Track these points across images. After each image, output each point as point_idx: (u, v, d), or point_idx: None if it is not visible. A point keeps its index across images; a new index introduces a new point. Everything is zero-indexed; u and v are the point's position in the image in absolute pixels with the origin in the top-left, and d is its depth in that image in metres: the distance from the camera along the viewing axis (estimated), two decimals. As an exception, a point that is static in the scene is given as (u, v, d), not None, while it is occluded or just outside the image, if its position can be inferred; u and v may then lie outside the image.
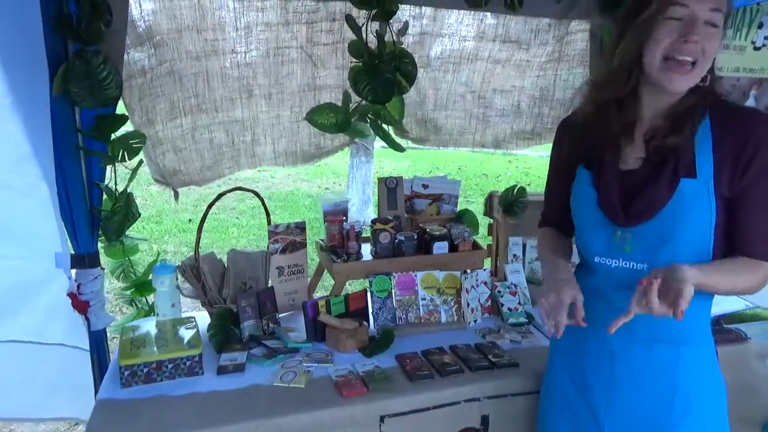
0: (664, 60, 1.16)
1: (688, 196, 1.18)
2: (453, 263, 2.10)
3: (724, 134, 1.19)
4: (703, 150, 1.19)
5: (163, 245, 5.86)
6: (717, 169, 1.18)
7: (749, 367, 1.96)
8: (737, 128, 1.18)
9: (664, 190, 1.20)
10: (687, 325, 1.26)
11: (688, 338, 1.27)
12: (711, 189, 1.18)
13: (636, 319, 1.25)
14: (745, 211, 1.19)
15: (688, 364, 1.27)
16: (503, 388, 1.67)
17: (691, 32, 1.12)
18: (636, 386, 1.30)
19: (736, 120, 1.19)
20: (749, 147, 1.15)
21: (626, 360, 1.31)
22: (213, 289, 1.97)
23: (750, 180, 1.17)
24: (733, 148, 1.17)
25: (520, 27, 2.30)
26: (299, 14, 2.02)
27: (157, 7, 1.88)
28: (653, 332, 1.28)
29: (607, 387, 1.33)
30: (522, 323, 2.04)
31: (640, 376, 1.30)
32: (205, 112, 2.10)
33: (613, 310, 1.27)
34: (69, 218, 1.86)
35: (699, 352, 1.29)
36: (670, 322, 1.23)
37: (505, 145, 2.54)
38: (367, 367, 1.71)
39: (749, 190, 1.18)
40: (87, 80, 1.74)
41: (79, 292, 1.94)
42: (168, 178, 2.14)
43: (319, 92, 2.22)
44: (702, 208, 1.18)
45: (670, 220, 1.19)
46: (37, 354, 1.96)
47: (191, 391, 1.59)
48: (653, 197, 1.21)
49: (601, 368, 1.35)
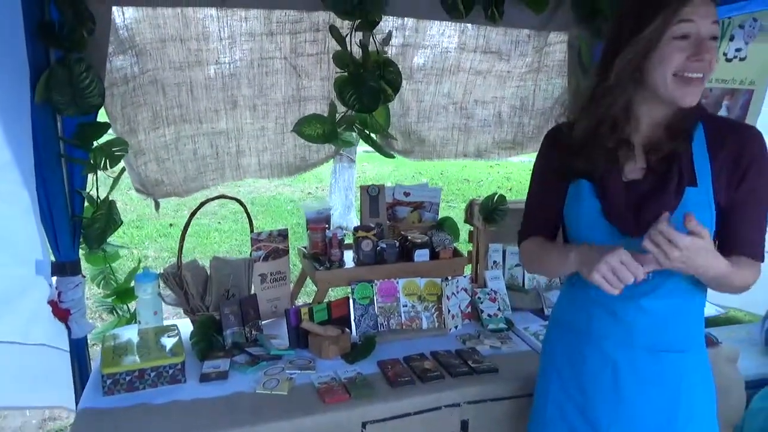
0: (674, 77, 1.17)
1: (692, 204, 1.21)
2: (434, 270, 2.13)
3: (718, 146, 1.23)
4: (700, 159, 1.23)
5: (144, 250, 5.81)
6: (714, 178, 1.22)
7: (721, 371, 2.00)
8: (732, 139, 1.22)
9: (671, 199, 1.22)
10: (688, 332, 1.30)
11: (690, 345, 1.30)
12: (711, 197, 1.22)
13: (638, 331, 1.28)
14: (743, 218, 1.24)
15: (689, 371, 1.30)
16: (483, 393, 1.70)
17: (703, 51, 1.14)
18: (641, 397, 1.30)
19: (730, 131, 1.24)
20: (744, 158, 1.21)
21: (631, 371, 1.30)
22: (195, 296, 1.97)
23: (747, 190, 1.22)
24: (729, 159, 1.22)
25: (501, 38, 2.34)
26: (283, 24, 2.03)
27: (140, 16, 1.88)
28: (656, 342, 1.28)
29: (611, 401, 1.32)
30: (501, 329, 2.08)
31: (645, 386, 1.29)
32: (188, 123, 2.10)
33: (616, 321, 1.30)
34: (50, 225, 1.85)
35: (698, 358, 1.32)
36: (671, 330, 1.28)
37: (487, 155, 2.57)
38: (350, 374, 1.73)
39: (748, 198, 1.23)
40: (69, 88, 1.74)
41: (59, 300, 1.93)
42: (150, 189, 2.13)
43: (304, 103, 2.22)
44: (705, 216, 1.20)
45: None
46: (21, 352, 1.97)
47: (174, 399, 1.60)
48: (662, 206, 1.21)
49: (603, 382, 1.33)
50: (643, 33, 1.16)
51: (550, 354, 1.47)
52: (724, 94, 2.59)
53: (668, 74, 1.17)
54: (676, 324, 1.29)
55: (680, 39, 1.15)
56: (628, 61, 1.19)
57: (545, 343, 1.52)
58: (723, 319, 2.55)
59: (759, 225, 1.26)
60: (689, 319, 1.30)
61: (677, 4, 1.14)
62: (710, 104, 2.59)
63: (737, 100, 2.60)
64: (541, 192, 1.46)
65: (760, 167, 1.22)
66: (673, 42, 1.15)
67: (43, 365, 2.01)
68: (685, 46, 1.15)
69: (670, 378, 1.29)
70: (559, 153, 1.36)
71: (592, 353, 1.34)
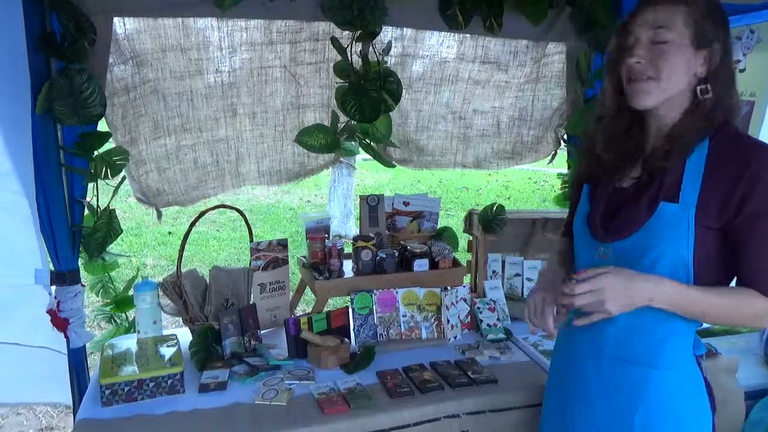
0: (627, 83, 1.25)
1: (666, 220, 1.19)
2: (433, 280, 2.14)
3: (718, 164, 1.17)
4: (691, 176, 1.19)
5: (143, 258, 5.81)
6: (703, 198, 1.16)
7: (720, 382, 2.00)
8: (734, 161, 1.15)
9: (643, 211, 1.22)
10: (658, 348, 1.26)
11: (660, 362, 1.25)
12: (691, 217, 1.17)
13: (608, 339, 1.30)
14: (748, 247, 1.17)
15: (652, 387, 1.26)
16: (482, 404, 1.70)
17: (633, 53, 1.22)
18: (605, 403, 1.32)
19: (735, 152, 1.16)
20: (745, 179, 1.12)
21: (597, 378, 1.33)
22: (195, 306, 1.97)
23: (748, 215, 1.14)
24: (727, 178, 1.15)
25: (499, 48, 2.35)
26: (283, 34, 2.05)
27: (141, 26, 1.89)
28: (622, 352, 1.29)
29: (583, 404, 1.36)
30: (501, 339, 2.08)
31: (608, 394, 1.31)
32: (189, 132, 2.10)
33: (590, 330, 1.31)
34: (50, 235, 1.85)
35: (669, 377, 1.25)
36: (637, 343, 1.27)
37: (486, 165, 2.58)
38: (349, 385, 1.72)
39: (750, 223, 1.15)
40: (70, 98, 1.75)
41: (58, 309, 1.92)
42: (151, 198, 2.13)
43: (303, 111, 2.24)
44: (678, 234, 1.17)
45: (643, 242, 1.21)
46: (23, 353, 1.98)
47: (173, 410, 1.59)
48: (632, 217, 1.23)
49: (579, 387, 1.37)
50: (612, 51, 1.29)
51: (553, 358, 1.54)
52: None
53: (624, 81, 1.26)
54: (641, 338, 1.26)
55: (630, 49, 1.23)
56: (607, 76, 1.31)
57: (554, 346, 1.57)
58: (722, 330, 2.54)
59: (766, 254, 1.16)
60: (661, 336, 1.25)
61: (626, 19, 1.25)
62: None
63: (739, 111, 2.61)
64: (574, 197, 1.53)
65: (764, 191, 1.12)
66: (624, 52, 1.25)
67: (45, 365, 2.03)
68: (629, 55, 1.23)
69: (629, 390, 1.28)
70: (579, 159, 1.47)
71: (575, 359, 1.39)
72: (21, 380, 2.03)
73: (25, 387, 2.07)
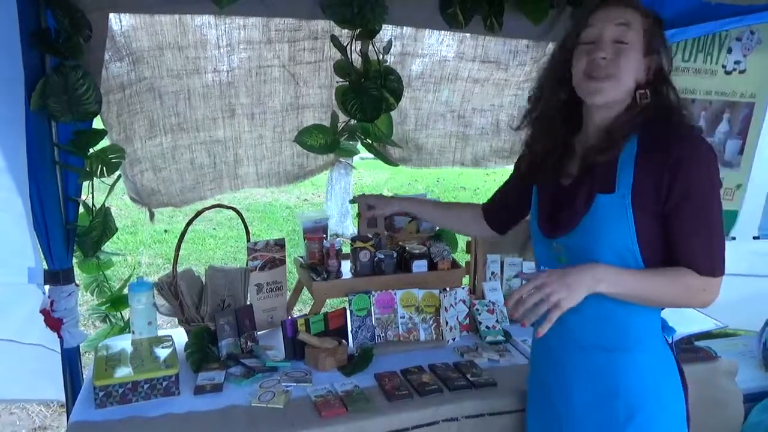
0: (583, 77, 1.26)
1: (603, 210, 1.24)
2: (432, 281, 2.12)
3: (647, 153, 1.23)
4: (624, 166, 1.24)
5: (138, 256, 5.78)
6: (637, 185, 1.22)
7: (719, 384, 2.00)
8: (661, 149, 1.21)
9: (581, 205, 1.28)
10: (624, 332, 1.31)
11: (626, 345, 1.31)
12: (628, 203, 1.22)
13: (572, 328, 1.34)
14: (679, 227, 1.23)
15: (627, 369, 1.31)
16: (481, 407, 1.68)
17: (597, 51, 1.24)
18: (583, 392, 1.35)
19: (662, 140, 1.22)
20: (671, 162, 1.19)
21: (572, 367, 1.37)
22: (191, 306, 1.95)
23: (678, 196, 1.20)
24: (656, 164, 1.21)
25: (499, 48, 2.34)
26: (281, 32, 2.02)
27: (138, 23, 1.86)
28: (590, 339, 1.33)
29: (564, 395, 1.39)
30: (499, 341, 2.06)
31: (585, 382, 1.35)
32: (186, 132, 2.08)
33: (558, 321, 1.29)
34: (43, 233, 1.82)
35: (640, 358, 1.31)
36: (605, 329, 1.31)
37: (484, 163, 2.57)
38: (347, 387, 1.71)
39: (679, 206, 1.21)
40: (65, 95, 1.72)
41: (52, 309, 1.90)
42: (145, 198, 2.10)
43: (302, 112, 2.21)
44: (618, 221, 1.23)
45: (587, 233, 1.27)
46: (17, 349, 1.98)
47: (168, 412, 1.57)
48: (573, 211, 1.29)
49: (554, 377, 1.42)
50: (564, 44, 1.32)
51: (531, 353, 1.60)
52: (724, 107, 2.60)
53: (578, 75, 1.27)
54: (607, 324, 1.31)
55: (587, 44, 1.26)
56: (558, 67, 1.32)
57: None
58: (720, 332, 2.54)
59: (699, 234, 1.22)
60: (623, 320, 1.30)
61: (587, 14, 1.27)
62: (710, 117, 2.59)
63: (738, 113, 2.61)
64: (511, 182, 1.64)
65: (689, 171, 1.18)
66: (581, 47, 1.28)
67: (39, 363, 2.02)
68: (590, 49, 1.26)
69: (605, 375, 1.32)
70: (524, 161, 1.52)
71: (544, 350, 1.45)
72: (15, 377, 2.03)
73: (18, 384, 2.07)
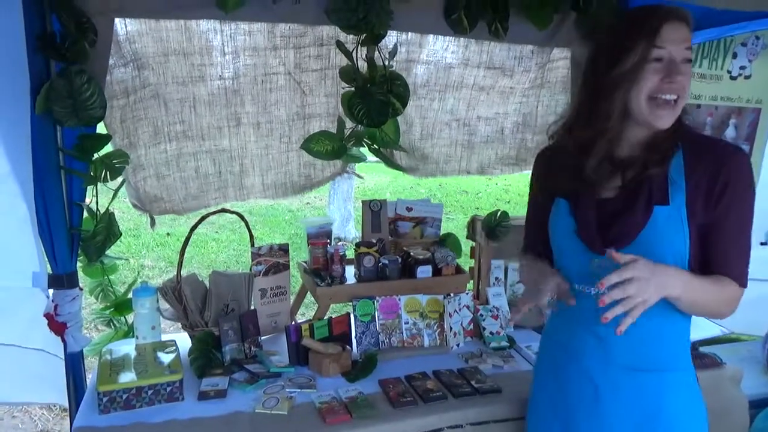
0: (649, 100, 1.20)
1: (662, 222, 1.22)
2: (436, 287, 2.11)
3: (696, 164, 1.23)
4: (676, 178, 1.23)
5: (141, 260, 5.78)
6: (690, 197, 1.21)
7: (724, 392, 1.99)
8: (710, 158, 1.21)
9: (639, 217, 1.23)
10: (669, 352, 1.29)
11: (671, 364, 1.29)
12: (684, 216, 1.21)
13: (617, 349, 1.29)
14: (722, 237, 1.22)
15: (671, 390, 1.28)
16: (486, 414, 1.67)
17: (674, 73, 1.17)
18: (621, 416, 1.30)
19: (708, 150, 1.23)
20: (722, 177, 1.19)
21: (610, 390, 1.31)
22: (194, 311, 1.95)
23: (724, 208, 1.20)
24: (705, 176, 1.21)
25: (504, 54, 2.33)
26: (287, 38, 2.02)
27: (143, 29, 1.86)
28: (635, 360, 1.29)
29: (593, 420, 1.33)
30: (504, 347, 2.05)
31: (625, 405, 1.30)
32: (191, 140, 2.06)
33: (596, 340, 1.31)
34: (48, 237, 1.82)
35: (681, 377, 1.30)
36: (651, 349, 1.27)
37: (489, 171, 2.55)
38: (351, 393, 1.70)
39: (724, 218, 1.21)
40: (70, 99, 1.71)
41: (56, 313, 1.89)
42: (147, 205, 2.09)
43: (309, 121, 2.19)
44: (676, 234, 1.21)
45: (645, 247, 1.22)
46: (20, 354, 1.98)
47: (171, 418, 1.57)
48: (629, 224, 1.24)
49: (584, 399, 1.35)
50: (624, 66, 1.19)
51: (539, 372, 1.51)
52: (730, 113, 2.59)
53: (642, 97, 1.20)
54: (654, 343, 1.28)
55: (653, 62, 1.18)
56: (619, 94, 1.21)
57: (536, 361, 1.55)
58: (723, 338, 2.53)
59: (738, 246, 1.23)
60: (669, 339, 1.29)
61: (652, 34, 1.17)
62: (716, 122, 2.58)
63: (744, 118, 2.60)
64: (533, 211, 1.52)
65: (736, 186, 1.20)
66: (647, 65, 1.18)
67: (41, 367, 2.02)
68: (658, 68, 1.18)
69: (650, 398, 1.28)
70: (544, 170, 1.44)
71: (575, 371, 1.36)
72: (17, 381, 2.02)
73: (21, 387, 2.06)
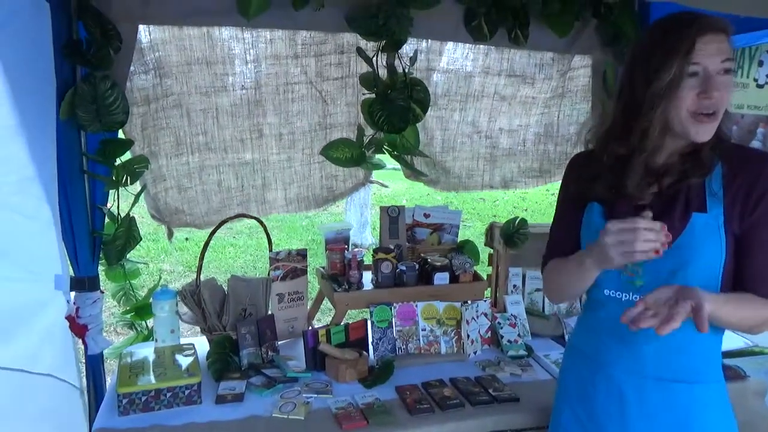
0: (688, 115, 1.18)
1: (700, 229, 1.21)
2: (454, 294, 2.10)
3: (734, 173, 1.22)
4: (713, 187, 1.22)
5: (160, 264, 5.84)
6: (727, 206, 1.20)
7: (748, 405, 1.95)
8: (747, 168, 1.21)
9: (677, 224, 1.22)
10: (700, 363, 1.27)
11: (702, 376, 1.27)
12: (721, 225, 1.20)
13: (647, 359, 1.27)
14: (754, 250, 1.20)
15: (701, 402, 1.26)
16: (504, 423, 1.66)
17: (710, 89, 1.15)
18: (649, 427, 1.28)
19: (746, 160, 1.22)
20: (759, 187, 1.19)
21: (638, 401, 1.29)
22: (213, 315, 1.96)
23: (758, 219, 1.19)
24: (743, 187, 1.20)
25: (525, 61, 2.32)
26: (308, 46, 2.03)
27: (167, 36, 1.89)
28: (666, 371, 1.27)
29: (618, 429, 1.31)
30: (521, 356, 2.03)
31: (654, 416, 1.28)
32: (213, 152, 2.06)
33: (626, 348, 1.29)
34: (70, 241, 1.85)
35: (712, 390, 1.28)
36: (683, 360, 1.25)
37: (513, 184, 2.51)
38: (367, 399, 1.70)
39: (758, 230, 1.19)
40: (93, 105, 1.75)
41: (77, 316, 1.92)
42: (166, 216, 2.09)
43: (330, 131, 2.19)
44: (713, 242, 1.20)
45: (682, 253, 1.21)
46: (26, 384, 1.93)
47: (189, 421, 1.58)
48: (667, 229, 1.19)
49: (611, 410, 1.32)
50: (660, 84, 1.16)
51: (564, 381, 1.48)
52: (758, 121, 2.54)
53: (682, 114, 1.18)
54: (686, 354, 1.26)
55: (690, 77, 1.16)
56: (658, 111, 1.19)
57: (561, 370, 1.52)
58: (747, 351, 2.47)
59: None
60: (701, 349, 1.26)
61: (686, 50, 1.14)
62: (743, 131, 2.54)
63: (772, 127, 2.56)
64: (563, 219, 1.48)
65: None
66: (682, 83, 1.16)
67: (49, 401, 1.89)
68: (695, 84, 1.16)
69: (680, 409, 1.26)
70: (577, 180, 1.40)
71: (602, 381, 1.34)
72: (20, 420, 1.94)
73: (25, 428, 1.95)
